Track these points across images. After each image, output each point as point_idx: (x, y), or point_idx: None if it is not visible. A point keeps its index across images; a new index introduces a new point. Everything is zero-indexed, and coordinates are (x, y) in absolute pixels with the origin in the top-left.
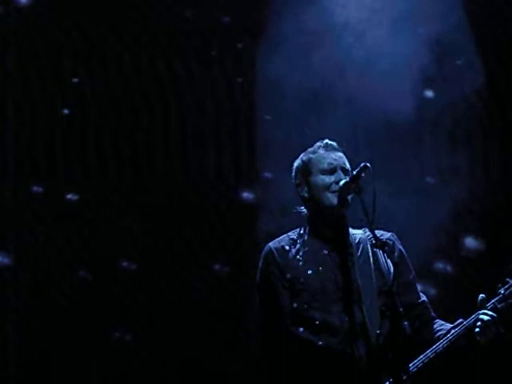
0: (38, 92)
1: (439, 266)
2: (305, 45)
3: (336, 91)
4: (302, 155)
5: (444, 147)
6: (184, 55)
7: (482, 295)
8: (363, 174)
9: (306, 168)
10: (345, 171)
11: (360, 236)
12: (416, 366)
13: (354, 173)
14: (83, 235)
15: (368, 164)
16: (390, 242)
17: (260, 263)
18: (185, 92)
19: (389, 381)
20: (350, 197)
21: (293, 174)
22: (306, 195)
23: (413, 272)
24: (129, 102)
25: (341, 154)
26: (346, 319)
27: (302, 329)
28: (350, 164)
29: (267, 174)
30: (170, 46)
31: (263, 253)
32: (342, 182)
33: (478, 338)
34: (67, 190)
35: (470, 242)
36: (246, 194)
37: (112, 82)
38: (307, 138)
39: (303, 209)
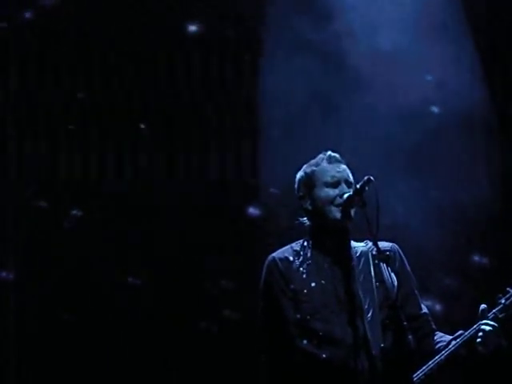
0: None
1: (445, 281)
2: (308, 57)
3: (341, 102)
4: (304, 167)
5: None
6: (187, 69)
7: (483, 305)
8: (367, 188)
9: (309, 181)
10: (348, 184)
11: (361, 249)
12: (418, 378)
13: (358, 186)
14: (87, 252)
15: (371, 177)
16: (391, 253)
17: (263, 273)
18: (187, 106)
19: None
20: (353, 210)
21: (295, 186)
22: (309, 208)
23: (415, 283)
24: (131, 115)
25: (344, 167)
26: (349, 331)
27: (305, 341)
28: (353, 175)
29: (273, 190)
30: (172, 60)
31: (267, 262)
32: (345, 196)
33: (480, 348)
34: (72, 206)
35: (476, 257)
36: (251, 210)
37: (114, 95)
38: (313, 151)
39: (306, 220)
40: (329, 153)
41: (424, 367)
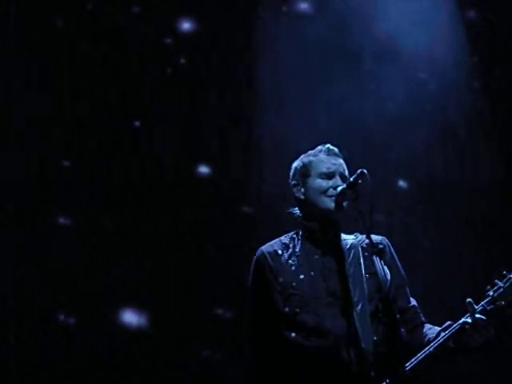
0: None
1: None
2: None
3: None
4: (302, 156)
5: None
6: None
7: (469, 299)
8: (360, 181)
9: (305, 169)
10: (343, 177)
11: (351, 241)
12: (408, 370)
13: (351, 179)
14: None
15: (365, 170)
16: (381, 246)
17: (252, 266)
18: (183, 107)
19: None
20: (345, 203)
21: (291, 173)
22: (301, 196)
23: (404, 276)
24: (125, 119)
25: (341, 161)
26: (338, 323)
27: (293, 334)
28: (349, 171)
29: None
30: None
31: (256, 256)
32: (339, 189)
33: (468, 340)
34: (60, 214)
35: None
36: (245, 208)
37: (111, 90)
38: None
39: (296, 210)
40: (328, 145)
41: (413, 359)
